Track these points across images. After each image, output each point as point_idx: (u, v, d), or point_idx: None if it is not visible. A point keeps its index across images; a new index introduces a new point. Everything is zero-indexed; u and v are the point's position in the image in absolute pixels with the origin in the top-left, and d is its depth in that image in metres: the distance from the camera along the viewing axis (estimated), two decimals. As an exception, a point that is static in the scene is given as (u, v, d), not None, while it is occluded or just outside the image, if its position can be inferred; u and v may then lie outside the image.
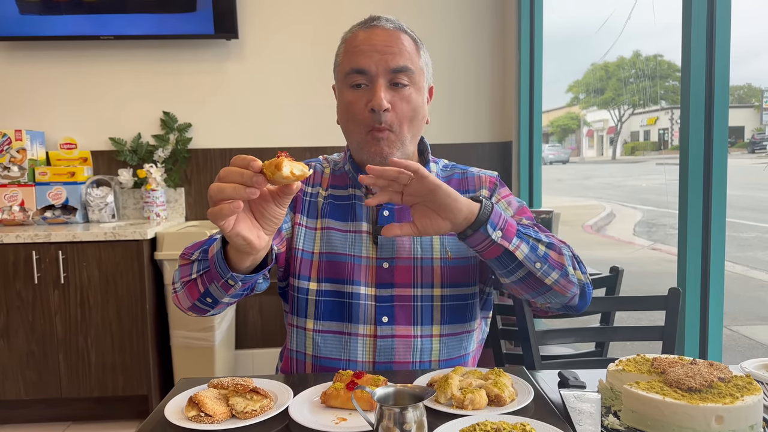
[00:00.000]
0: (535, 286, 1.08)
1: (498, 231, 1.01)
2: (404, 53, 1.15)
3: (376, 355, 1.18)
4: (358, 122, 1.16)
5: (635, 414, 0.84)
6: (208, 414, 0.93)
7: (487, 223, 1.00)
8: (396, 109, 1.14)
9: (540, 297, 1.10)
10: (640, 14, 3.29)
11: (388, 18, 1.19)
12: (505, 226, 1.02)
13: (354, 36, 1.18)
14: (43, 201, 2.91)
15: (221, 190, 0.82)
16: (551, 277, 1.07)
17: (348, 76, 1.16)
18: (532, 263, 1.05)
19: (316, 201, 1.25)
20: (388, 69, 1.13)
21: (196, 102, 3.15)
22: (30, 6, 2.90)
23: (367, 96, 1.14)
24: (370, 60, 1.13)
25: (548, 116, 18.93)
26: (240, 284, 0.99)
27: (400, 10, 3.16)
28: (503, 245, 1.01)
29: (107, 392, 2.67)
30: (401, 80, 1.14)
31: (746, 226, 6.66)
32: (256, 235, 0.89)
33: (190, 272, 1.08)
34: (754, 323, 4.22)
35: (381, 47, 1.14)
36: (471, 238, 1.01)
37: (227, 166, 0.85)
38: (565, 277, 1.08)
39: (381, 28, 1.17)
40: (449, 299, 1.20)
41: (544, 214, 2.50)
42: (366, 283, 1.19)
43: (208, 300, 1.06)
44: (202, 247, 1.09)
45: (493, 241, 1.01)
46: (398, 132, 1.15)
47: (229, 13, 2.98)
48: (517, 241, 1.03)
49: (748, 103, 8.00)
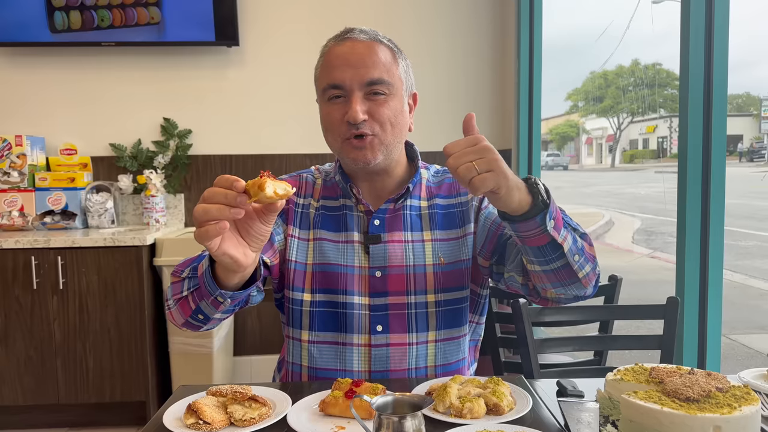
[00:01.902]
0: (566, 278, 1.04)
1: (552, 221, 0.97)
2: (379, 65, 1.14)
3: (372, 364, 1.18)
4: (336, 134, 1.16)
5: (633, 424, 0.84)
6: (207, 422, 0.93)
7: (546, 212, 0.95)
8: (375, 116, 1.14)
9: (562, 288, 1.06)
10: (639, 23, 3.30)
11: (363, 29, 1.18)
12: (556, 215, 0.99)
13: (329, 50, 1.18)
14: (42, 206, 2.92)
15: (206, 211, 0.83)
16: (584, 270, 1.04)
17: (325, 91, 1.16)
18: (572, 255, 1.01)
19: (308, 212, 1.25)
20: (362, 82, 1.13)
21: (197, 108, 3.16)
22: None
23: (343, 109, 1.14)
24: (344, 75, 1.13)
25: (547, 124, 18.96)
26: (229, 301, 0.99)
27: (399, 18, 3.17)
28: (553, 236, 0.97)
29: (105, 398, 2.66)
30: (377, 90, 1.14)
31: (745, 234, 6.66)
32: (243, 252, 0.89)
33: (181, 290, 1.07)
34: (753, 332, 4.22)
35: (354, 61, 1.13)
36: (521, 224, 0.97)
37: (211, 187, 0.85)
38: (594, 270, 1.06)
39: (355, 41, 1.16)
40: (443, 304, 1.20)
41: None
42: (359, 293, 1.19)
43: (200, 317, 1.06)
44: (192, 264, 1.08)
45: (544, 229, 0.96)
46: (381, 136, 1.15)
47: (229, 20, 3.00)
48: (564, 232, 1.00)
49: (746, 112, 8.02)
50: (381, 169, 1.20)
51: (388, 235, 1.21)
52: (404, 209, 1.23)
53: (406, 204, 1.23)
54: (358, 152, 1.14)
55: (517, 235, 1.01)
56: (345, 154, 1.17)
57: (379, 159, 1.16)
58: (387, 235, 1.21)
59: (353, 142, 1.14)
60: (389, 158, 1.18)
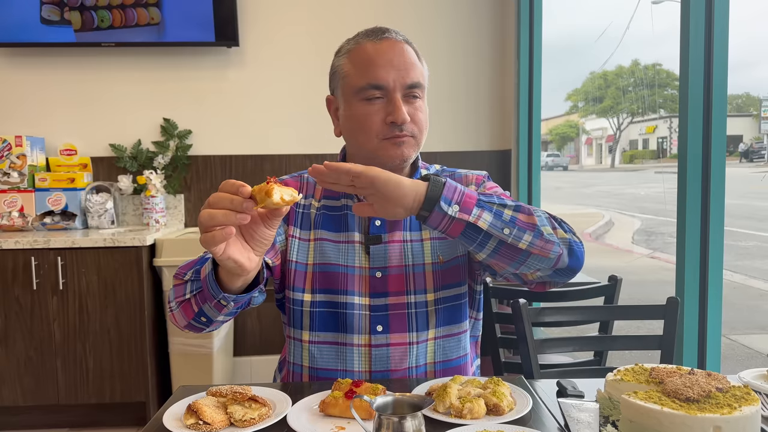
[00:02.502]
0: (512, 255, 1.02)
1: (455, 205, 0.96)
2: (417, 68, 1.16)
3: (372, 364, 1.18)
4: (373, 134, 1.15)
5: (633, 424, 0.84)
6: (207, 422, 0.93)
7: (440, 200, 0.96)
8: (414, 119, 1.15)
9: (522, 266, 1.04)
10: (639, 23, 3.31)
11: (396, 30, 1.19)
12: (462, 199, 0.98)
13: (362, 48, 1.16)
14: (42, 207, 2.92)
15: (212, 216, 0.82)
16: (524, 240, 1.01)
17: (362, 90, 1.14)
18: (499, 230, 0.99)
19: (309, 212, 1.24)
20: (404, 85, 1.13)
21: (197, 109, 3.16)
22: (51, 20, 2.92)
23: (384, 110, 1.13)
24: (388, 75, 1.13)
25: (547, 124, 18.99)
26: (232, 304, 0.99)
27: (400, 18, 3.17)
28: (463, 218, 0.97)
29: (105, 399, 2.66)
30: (416, 93, 1.16)
31: (745, 234, 6.66)
32: (247, 257, 0.89)
33: (183, 292, 1.07)
34: (753, 332, 4.22)
35: (396, 62, 1.14)
36: (430, 219, 0.97)
37: (216, 192, 0.84)
38: (539, 237, 1.01)
39: (393, 41, 1.16)
40: (442, 302, 1.20)
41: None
42: (360, 293, 1.19)
43: (202, 319, 1.06)
44: (195, 266, 1.08)
45: (452, 217, 0.96)
46: (418, 138, 1.17)
47: (229, 20, 3.00)
48: (477, 211, 0.98)
49: (746, 112, 8.03)
50: (399, 168, 1.20)
51: (388, 235, 1.21)
52: None
53: None
54: (397, 149, 1.15)
55: (439, 233, 1.00)
56: (383, 152, 1.15)
57: (412, 157, 1.18)
58: (387, 236, 1.21)
59: (395, 139, 1.14)
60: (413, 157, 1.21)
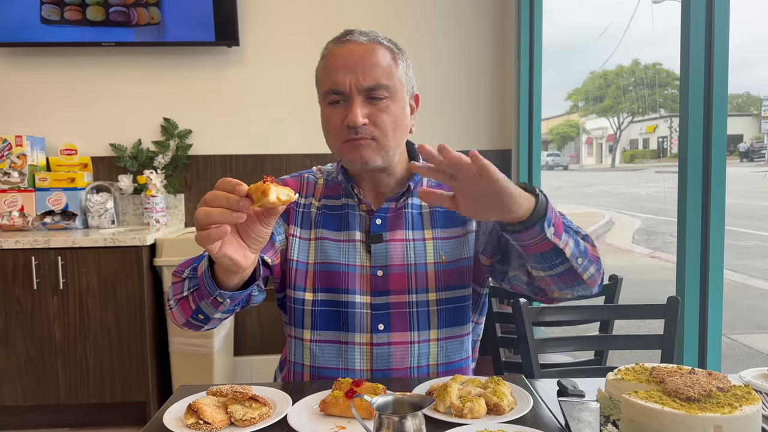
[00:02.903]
0: (571, 280, 1.04)
1: (552, 227, 0.96)
2: (379, 68, 1.13)
3: (374, 363, 1.18)
4: (336, 137, 1.16)
5: (634, 423, 0.84)
6: (207, 421, 0.93)
7: (545, 219, 0.94)
8: (375, 122, 1.14)
9: (568, 289, 1.07)
10: (639, 23, 3.31)
11: (362, 31, 1.17)
12: (556, 221, 0.98)
13: (329, 53, 1.17)
14: (42, 206, 2.91)
15: (208, 215, 0.83)
16: (589, 272, 1.04)
17: (326, 95, 1.16)
18: (575, 258, 1.01)
19: (309, 212, 1.25)
20: (362, 87, 1.12)
21: (197, 108, 3.16)
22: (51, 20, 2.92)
23: (344, 112, 1.14)
24: (345, 79, 1.13)
25: (547, 124, 18.99)
26: (228, 301, 0.99)
27: (400, 18, 3.17)
28: (554, 242, 0.97)
29: (105, 398, 2.66)
30: (378, 95, 1.13)
31: (745, 234, 6.66)
32: (243, 255, 0.89)
33: (181, 290, 1.08)
34: (754, 332, 4.22)
35: (354, 65, 1.13)
36: (523, 234, 0.96)
37: (212, 191, 0.84)
38: (599, 270, 1.06)
39: (353, 43, 1.15)
40: (445, 303, 1.20)
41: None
42: (361, 292, 1.19)
43: (200, 317, 1.06)
44: (192, 264, 1.09)
45: (545, 237, 0.96)
46: (382, 141, 1.15)
47: (229, 20, 3.00)
48: (566, 237, 0.99)
49: (746, 112, 8.03)
50: (381, 168, 1.19)
51: (389, 234, 1.21)
52: (406, 207, 1.23)
53: (407, 203, 1.23)
54: (355, 152, 1.14)
55: (519, 245, 1.00)
56: (344, 154, 1.17)
57: (377, 161, 1.16)
58: (388, 234, 1.21)
59: (352, 142, 1.14)
60: (388, 160, 1.18)
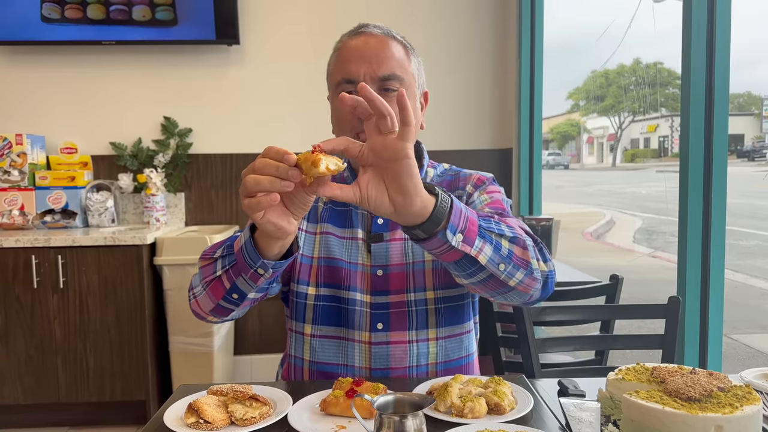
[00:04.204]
0: (497, 287, 0.98)
1: (459, 234, 0.88)
2: (392, 60, 1.14)
3: (372, 362, 1.18)
4: (346, 129, 1.15)
5: (635, 423, 0.84)
6: (207, 421, 0.92)
7: (447, 228, 0.87)
8: None
9: (500, 296, 1.02)
10: (641, 22, 3.30)
11: (377, 24, 1.18)
12: (467, 227, 0.90)
13: (343, 45, 1.17)
14: (43, 205, 2.91)
15: (258, 182, 0.81)
16: (516, 278, 0.97)
17: (339, 85, 1.15)
18: (495, 265, 0.93)
19: (316, 206, 1.25)
20: (376, 76, 1.12)
21: (197, 107, 3.15)
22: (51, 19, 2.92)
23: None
24: (358, 68, 1.12)
25: (548, 123, 19.00)
26: (270, 272, 0.96)
27: (401, 17, 3.17)
28: (464, 250, 0.90)
29: (105, 397, 2.66)
30: (391, 86, 1.13)
31: (746, 234, 6.66)
32: (287, 220, 0.87)
33: (213, 270, 1.04)
34: (754, 332, 4.22)
35: (368, 55, 1.13)
36: (426, 242, 0.88)
37: (262, 158, 0.82)
38: (530, 275, 0.98)
39: (369, 35, 1.16)
40: (443, 301, 1.20)
41: (544, 221, 2.50)
42: (362, 290, 1.19)
43: (234, 296, 1.02)
44: (225, 243, 1.06)
45: (452, 246, 0.89)
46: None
47: (230, 19, 2.99)
48: (479, 243, 0.91)
49: (747, 111, 8.03)
50: None
51: (390, 233, 1.20)
52: None
53: None
54: None
55: (430, 253, 0.93)
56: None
57: None
58: (389, 234, 1.20)
59: (362, 135, 1.11)
60: None
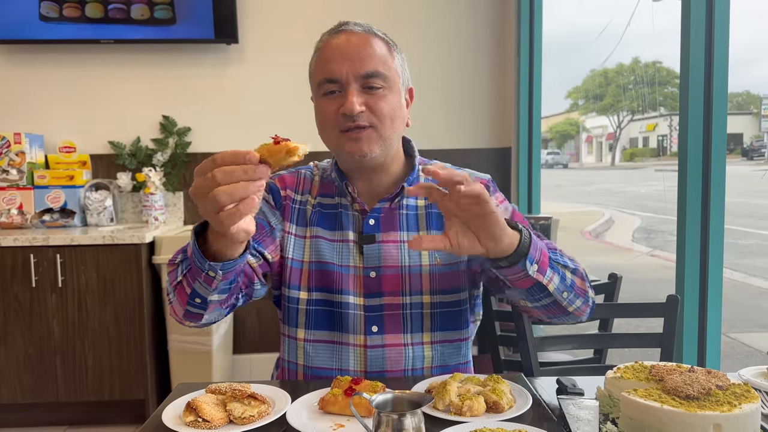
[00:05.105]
0: (558, 312, 1.09)
1: (535, 265, 0.99)
2: (375, 57, 1.12)
3: (368, 365, 1.17)
4: (331, 127, 1.14)
5: (633, 421, 0.84)
6: (206, 419, 0.92)
7: (527, 257, 0.97)
8: (372, 109, 1.11)
9: (556, 319, 1.12)
10: (640, 21, 3.30)
11: (357, 22, 1.17)
12: (540, 258, 1.00)
13: (324, 44, 1.16)
14: (41, 204, 2.91)
15: (231, 193, 0.78)
16: (574, 305, 1.08)
17: (321, 85, 1.14)
18: (560, 293, 1.05)
19: (305, 209, 1.23)
20: (358, 74, 1.11)
21: (196, 106, 3.15)
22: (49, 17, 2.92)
23: (339, 102, 1.12)
24: (341, 67, 1.11)
25: (547, 122, 19.02)
26: (221, 274, 0.94)
27: (399, 16, 3.17)
28: (538, 279, 1.00)
29: (104, 396, 2.66)
30: (374, 83, 1.12)
31: (745, 233, 6.66)
32: (251, 221, 0.87)
33: (176, 275, 1.04)
34: (753, 330, 4.22)
35: (351, 53, 1.11)
36: (506, 270, 0.99)
37: (218, 168, 0.78)
38: (586, 303, 1.10)
39: (350, 33, 1.14)
40: (440, 306, 1.19)
41: (543, 220, 2.50)
42: (354, 293, 1.17)
43: (197, 301, 1.01)
44: (183, 248, 1.05)
45: (527, 274, 0.99)
46: (380, 128, 1.12)
47: (229, 17, 2.99)
48: (550, 273, 1.02)
49: (746, 110, 8.03)
50: (377, 164, 1.17)
51: (383, 235, 1.19)
52: (400, 208, 1.21)
53: (402, 203, 1.21)
54: (354, 144, 1.12)
55: (505, 279, 1.03)
56: (341, 147, 1.14)
57: (376, 152, 1.13)
58: (382, 235, 1.19)
59: (350, 134, 1.11)
60: (386, 153, 1.15)
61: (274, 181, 1.27)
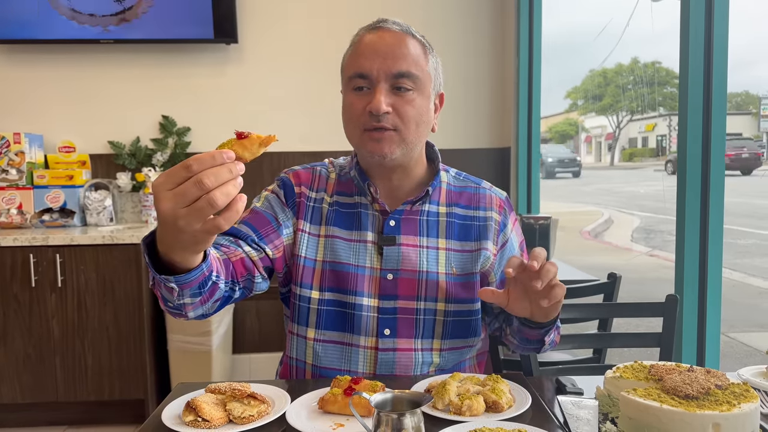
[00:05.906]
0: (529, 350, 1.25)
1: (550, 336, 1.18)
2: (408, 57, 1.11)
3: (377, 368, 1.16)
4: (355, 124, 1.13)
5: (632, 421, 0.84)
6: (206, 419, 0.92)
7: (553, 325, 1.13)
8: (399, 112, 1.11)
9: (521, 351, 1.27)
10: (639, 21, 3.30)
11: (396, 21, 1.16)
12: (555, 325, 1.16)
13: (359, 39, 1.16)
14: (41, 204, 2.91)
15: (227, 194, 0.75)
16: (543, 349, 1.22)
17: (351, 79, 1.13)
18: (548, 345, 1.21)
19: (321, 207, 1.21)
20: (390, 73, 1.10)
21: (195, 106, 3.15)
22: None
23: (367, 99, 1.11)
24: (372, 64, 1.10)
25: (546, 122, 19.02)
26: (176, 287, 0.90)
27: (398, 16, 3.15)
28: (545, 340, 1.17)
29: (104, 396, 2.66)
30: (404, 84, 1.11)
31: (744, 233, 6.67)
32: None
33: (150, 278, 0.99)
34: (752, 330, 4.22)
35: (384, 51, 1.11)
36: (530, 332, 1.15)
37: (202, 173, 0.74)
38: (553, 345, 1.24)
39: (387, 31, 1.14)
40: (453, 315, 1.18)
41: (542, 220, 2.50)
42: (369, 294, 1.16)
43: (169, 305, 0.98)
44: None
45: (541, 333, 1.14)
46: (403, 132, 1.11)
47: (228, 17, 2.99)
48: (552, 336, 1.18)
49: (745, 110, 8.04)
50: (398, 165, 1.16)
51: (402, 237, 1.18)
52: (421, 214, 1.20)
53: (423, 208, 1.20)
54: (375, 144, 1.11)
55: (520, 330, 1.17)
56: (362, 145, 1.13)
57: (396, 154, 1.12)
58: (402, 238, 1.18)
59: (373, 134, 1.11)
60: (408, 156, 1.15)
61: (288, 175, 1.25)
